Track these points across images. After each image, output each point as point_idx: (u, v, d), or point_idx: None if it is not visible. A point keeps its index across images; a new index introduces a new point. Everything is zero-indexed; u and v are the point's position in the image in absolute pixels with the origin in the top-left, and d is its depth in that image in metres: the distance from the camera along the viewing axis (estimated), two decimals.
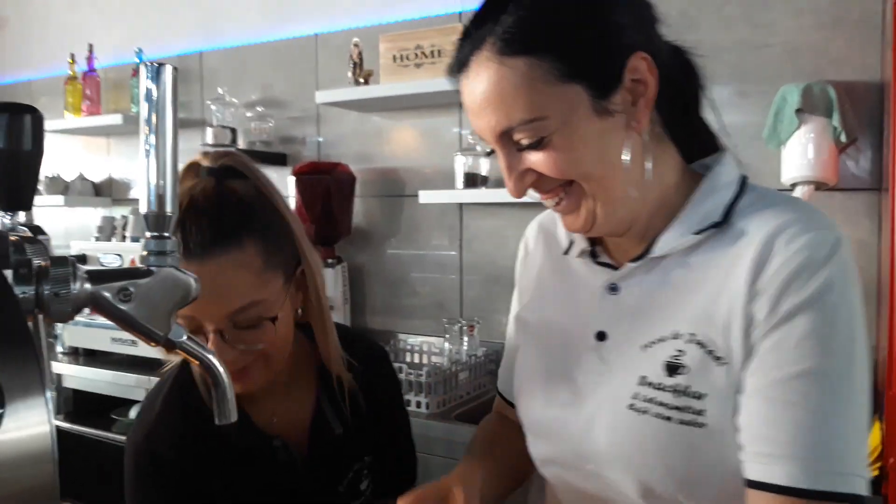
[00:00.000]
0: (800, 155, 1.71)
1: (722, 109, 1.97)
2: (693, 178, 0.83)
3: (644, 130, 0.76)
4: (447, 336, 2.21)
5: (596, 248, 0.87)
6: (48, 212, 3.26)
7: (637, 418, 0.76)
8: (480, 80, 0.72)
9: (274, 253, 0.89)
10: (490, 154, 2.24)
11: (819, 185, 1.72)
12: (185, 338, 0.48)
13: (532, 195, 0.80)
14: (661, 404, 0.74)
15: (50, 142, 3.29)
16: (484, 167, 2.21)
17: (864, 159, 1.79)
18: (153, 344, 0.48)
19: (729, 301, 0.73)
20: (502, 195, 2.12)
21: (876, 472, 1.39)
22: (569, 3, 0.72)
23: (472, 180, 2.20)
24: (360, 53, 2.32)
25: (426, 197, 2.24)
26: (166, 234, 0.47)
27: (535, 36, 0.71)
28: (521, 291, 0.99)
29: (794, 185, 1.74)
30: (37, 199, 3.23)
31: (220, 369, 0.51)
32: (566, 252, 0.90)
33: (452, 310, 2.39)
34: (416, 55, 2.14)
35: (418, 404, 1.85)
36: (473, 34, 0.73)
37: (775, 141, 1.76)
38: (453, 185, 2.24)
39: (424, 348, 2.20)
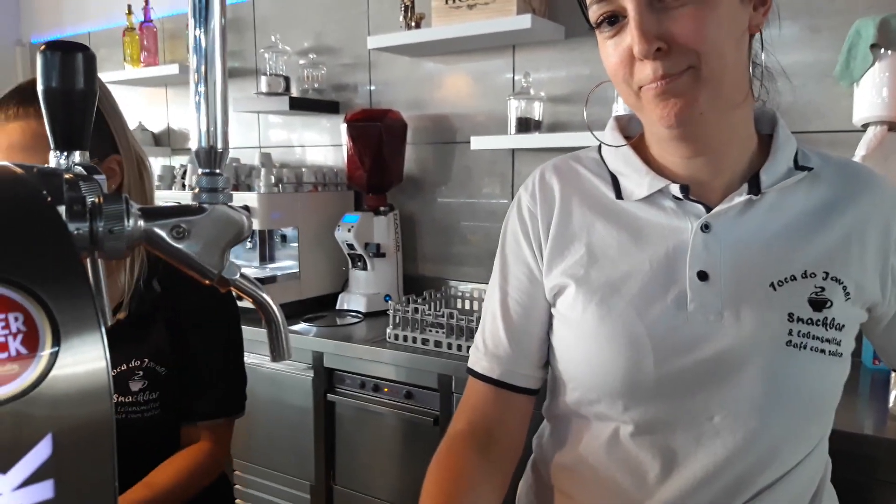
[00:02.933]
0: (873, 93, 1.62)
1: (791, 46, 1.90)
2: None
3: (754, 42, 0.79)
4: None
5: (671, 187, 0.82)
6: None
7: (798, 354, 0.77)
8: None
9: None
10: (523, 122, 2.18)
11: (893, 126, 1.63)
12: (238, 276, 0.48)
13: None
14: (816, 338, 0.77)
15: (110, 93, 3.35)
16: (537, 111, 2.17)
17: None
18: (207, 282, 0.48)
19: (862, 246, 0.81)
20: (556, 140, 2.08)
21: None
22: None
23: (525, 125, 2.16)
24: None
25: (478, 143, 2.20)
26: (218, 171, 0.47)
27: None
28: (552, 250, 0.88)
29: (865, 126, 1.65)
30: None
31: (274, 307, 0.51)
32: (619, 196, 0.86)
33: None
34: None
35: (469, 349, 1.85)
36: None
37: (848, 78, 1.66)
38: (506, 131, 2.20)
39: (475, 295, 2.20)
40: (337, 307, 2.37)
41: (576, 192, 0.89)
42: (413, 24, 2.28)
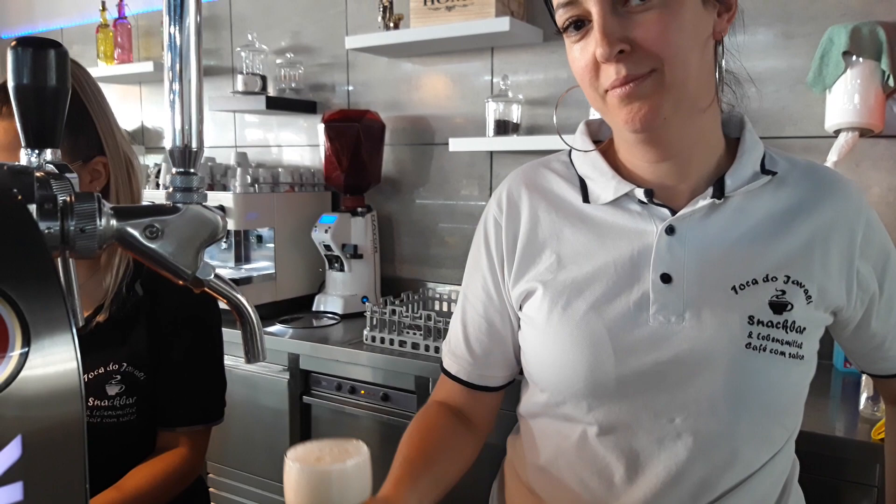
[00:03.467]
0: (845, 100, 1.65)
1: (765, 52, 1.92)
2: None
3: (720, 48, 0.79)
4: None
5: (636, 191, 0.84)
6: None
7: (757, 356, 0.78)
8: None
9: None
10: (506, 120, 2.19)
11: (864, 132, 1.66)
12: (212, 276, 0.48)
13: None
14: (776, 340, 0.78)
15: None
16: (515, 113, 2.17)
17: None
18: (181, 282, 0.48)
19: (825, 250, 0.81)
20: (533, 142, 2.09)
21: None
22: None
23: (504, 127, 2.17)
24: None
25: (456, 145, 2.20)
26: (192, 171, 0.46)
27: None
28: (521, 258, 0.90)
29: (837, 132, 1.67)
30: None
31: (249, 308, 0.50)
32: (586, 200, 0.87)
33: None
34: None
35: None
36: None
37: (820, 85, 1.69)
38: (484, 133, 2.21)
39: (453, 297, 2.20)
40: (313, 309, 2.36)
41: (544, 199, 0.90)
42: (391, 24, 2.28)
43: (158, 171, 2.50)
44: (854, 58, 1.62)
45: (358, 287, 2.35)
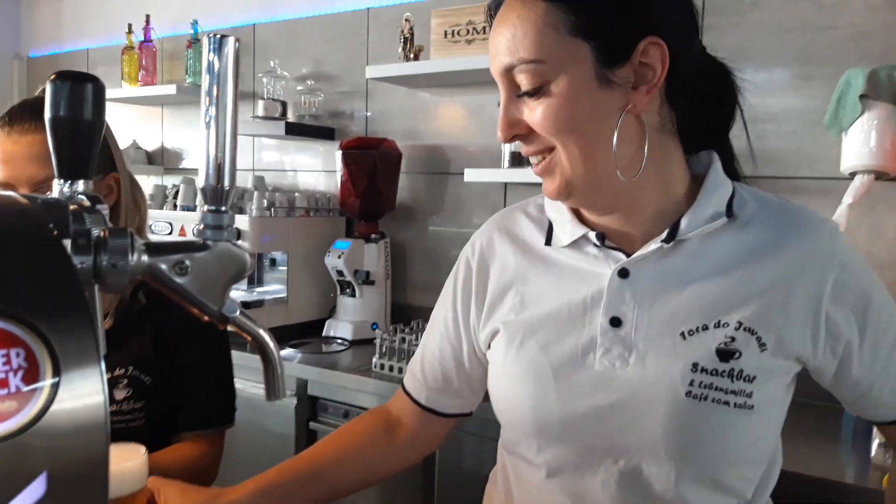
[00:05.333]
0: (861, 142, 1.65)
1: (783, 92, 1.94)
2: (687, 173, 0.84)
3: (648, 119, 0.77)
4: None
5: (589, 234, 0.84)
6: None
7: (697, 405, 0.76)
8: (502, 17, 0.77)
9: None
10: None
11: (880, 175, 1.66)
12: (237, 313, 0.48)
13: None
14: (719, 389, 0.76)
15: (106, 110, 3.37)
16: None
17: None
18: (207, 318, 0.48)
19: (786, 297, 0.78)
20: None
21: None
22: None
23: (519, 159, 2.18)
24: (411, 28, 2.31)
25: (471, 175, 2.22)
26: (223, 209, 0.47)
27: None
28: (490, 301, 0.92)
29: (853, 174, 1.67)
30: None
31: (272, 346, 0.51)
32: (548, 243, 0.88)
33: None
34: (468, 31, 2.12)
35: None
36: None
37: (836, 128, 1.70)
38: (499, 164, 2.22)
39: None
40: (323, 333, 2.36)
41: (513, 243, 0.93)
42: (412, 55, 2.31)
43: (177, 192, 2.53)
44: (871, 101, 1.62)
45: (368, 313, 2.36)
